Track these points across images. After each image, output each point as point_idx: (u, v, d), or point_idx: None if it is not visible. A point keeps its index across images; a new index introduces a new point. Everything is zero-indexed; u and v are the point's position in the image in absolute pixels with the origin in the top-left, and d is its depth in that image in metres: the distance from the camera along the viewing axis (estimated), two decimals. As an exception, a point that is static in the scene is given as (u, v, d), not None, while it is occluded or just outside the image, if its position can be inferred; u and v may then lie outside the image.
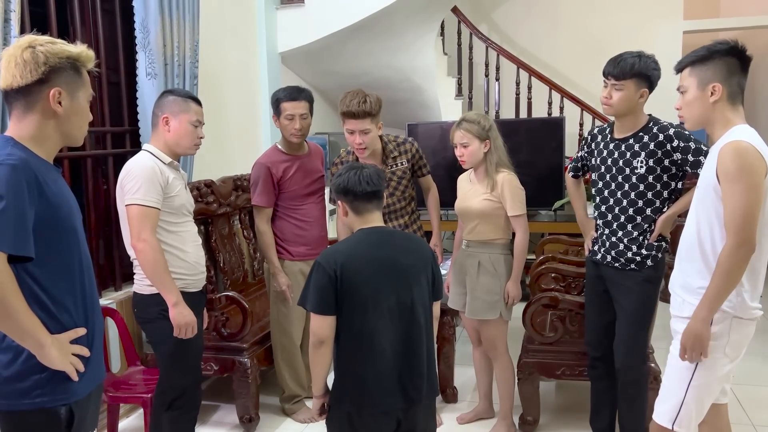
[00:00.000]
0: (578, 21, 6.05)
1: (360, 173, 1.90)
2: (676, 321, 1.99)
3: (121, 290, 3.25)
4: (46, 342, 1.43)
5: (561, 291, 3.11)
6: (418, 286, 1.91)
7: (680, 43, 5.82)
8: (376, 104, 2.77)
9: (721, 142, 1.83)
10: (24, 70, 1.43)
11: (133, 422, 3.08)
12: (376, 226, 1.94)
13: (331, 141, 4.91)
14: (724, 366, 1.92)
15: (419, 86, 5.21)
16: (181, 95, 2.39)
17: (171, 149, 2.37)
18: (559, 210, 4.89)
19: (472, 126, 2.66)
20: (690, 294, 1.92)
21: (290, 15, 4.62)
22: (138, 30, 3.14)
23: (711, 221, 1.86)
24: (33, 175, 1.41)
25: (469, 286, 2.77)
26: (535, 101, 5.38)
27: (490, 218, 2.71)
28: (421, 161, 3.06)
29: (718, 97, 1.85)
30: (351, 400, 1.86)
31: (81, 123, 1.56)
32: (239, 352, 2.94)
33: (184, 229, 2.40)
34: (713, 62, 1.86)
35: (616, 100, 2.35)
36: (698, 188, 1.94)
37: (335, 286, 1.82)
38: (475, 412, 3.04)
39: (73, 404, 1.52)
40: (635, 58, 2.31)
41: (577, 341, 2.81)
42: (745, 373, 3.43)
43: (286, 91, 2.96)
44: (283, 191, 2.98)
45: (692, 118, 1.93)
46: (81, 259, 1.56)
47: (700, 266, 1.90)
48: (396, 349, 1.85)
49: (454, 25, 5.63)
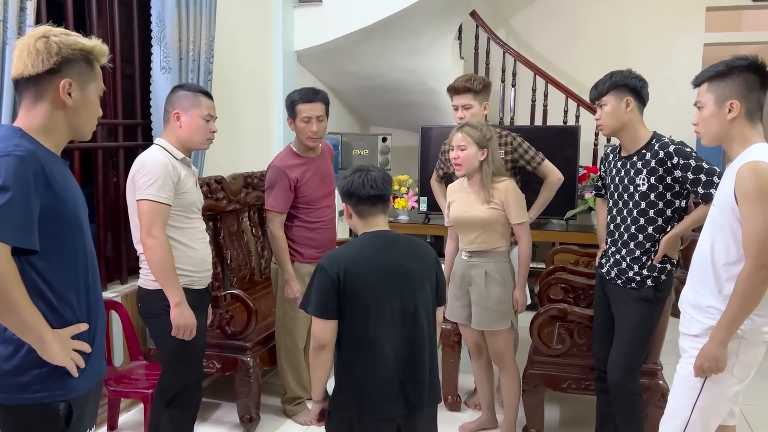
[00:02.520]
0: (598, 30, 6.00)
1: (365, 176, 1.87)
2: (684, 339, 1.96)
3: (127, 284, 3.24)
4: (47, 337, 1.42)
5: (570, 302, 3.07)
6: (422, 292, 1.88)
7: (701, 56, 5.76)
8: (480, 83, 2.92)
9: (739, 161, 1.79)
10: (36, 60, 1.43)
11: (134, 417, 3.07)
12: (381, 230, 1.91)
13: (344, 141, 4.88)
14: (731, 387, 1.88)
15: (434, 89, 5.17)
16: (191, 90, 2.37)
17: (183, 145, 2.35)
18: (571, 220, 4.83)
19: (474, 131, 2.62)
20: (699, 312, 1.89)
21: (307, 14, 4.61)
22: (154, 23, 3.13)
23: (727, 241, 1.82)
24: (40, 167, 1.40)
25: (477, 297, 2.71)
26: (551, 109, 5.33)
27: (493, 227, 2.67)
28: (527, 155, 3.01)
29: (736, 114, 1.81)
30: (351, 406, 1.83)
31: (90, 116, 1.55)
32: (242, 351, 2.92)
33: (193, 225, 2.38)
34: (732, 78, 1.82)
35: (603, 117, 2.39)
36: (714, 206, 1.90)
37: (338, 291, 1.79)
38: (477, 423, 3.00)
39: (72, 400, 1.50)
40: (608, 76, 2.39)
41: (585, 354, 2.77)
42: (755, 393, 3.37)
43: (302, 92, 2.90)
44: (299, 196, 2.92)
45: (709, 134, 1.89)
46: (86, 254, 1.55)
47: (711, 286, 1.86)
48: (398, 356, 1.83)
49: (472, 29, 5.60)
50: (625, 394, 2.45)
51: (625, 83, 2.34)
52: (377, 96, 5.47)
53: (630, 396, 2.45)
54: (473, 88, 2.91)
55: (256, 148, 4.23)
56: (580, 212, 4.78)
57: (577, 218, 4.85)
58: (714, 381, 1.85)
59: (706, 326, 1.86)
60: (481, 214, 2.65)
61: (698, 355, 1.85)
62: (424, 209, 4.98)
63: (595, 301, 2.66)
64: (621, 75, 2.37)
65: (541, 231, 4.74)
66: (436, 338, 1.96)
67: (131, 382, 2.80)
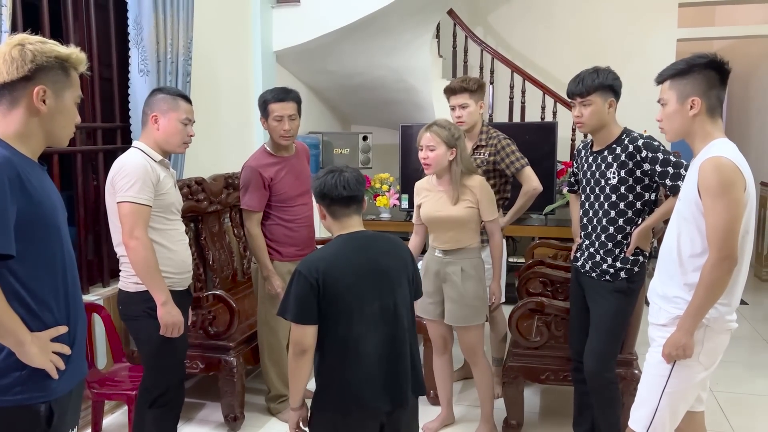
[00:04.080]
0: (573, 26, 6.08)
1: (337, 177, 1.87)
2: (652, 328, 2.03)
3: (109, 286, 3.24)
4: (25, 339, 1.43)
5: (548, 296, 3.13)
6: (401, 288, 1.91)
7: (674, 51, 5.86)
8: (474, 83, 3.06)
9: (701, 157, 1.85)
10: (11, 67, 1.45)
11: (119, 419, 3.08)
12: (356, 230, 1.92)
13: (325, 140, 4.91)
14: (698, 373, 1.94)
15: (414, 87, 5.22)
16: (170, 93, 2.38)
17: (161, 147, 2.37)
18: (549, 214, 4.91)
19: (442, 131, 2.63)
20: (666, 302, 1.96)
21: (286, 14, 4.62)
22: (131, 26, 3.13)
23: (692, 234, 1.88)
24: (15, 173, 1.41)
25: (453, 294, 2.74)
26: (529, 105, 5.40)
27: (467, 225, 2.71)
28: (507, 159, 3.08)
29: (697, 110, 1.87)
30: (335, 407, 1.84)
31: (65, 123, 1.57)
32: (225, 350, 2.94)
33: (173, 227, 2.40)
34: (692, 76, 1.88)
35: (587, 116, 2.43)
36: (679, 200, 1.96)
37: (317, 295, 1.79)
38: (440, 420, 3.03)
39: (53, 401, 1.51)
40: (594, 74, 2.41)
41: (563, 346, 2.83)
42: (726, 379, 3.47)
43: (274, 92, 2.94)
44: (274, 194, 2.96)
45: (672, 130, 1.96)
46: (64, 257, 1.55)
47: (677, 277, 1.92)
48: (381, 353, 1.85)
49: (450, 27, 5.65)
50: (602, 383, 2.51)
51: (611, 84, 2.41)
52: (358, 94, 5.50)
53: (606, 385, 2.52)
54: (469, 87, 3.04)
55: (236, 149, 4.24)
56: (558, 207, 4.86)
57: (555, 213, 4.94)
58: (681, 368, 1.92)
59: (672, 316, 1.92)
60: (456, 213, 2.67)
61: (666, 343, 1.91)
62: (405, 207, 5.03)
63: (571, 293, 2.72)
64: (606, 76, 2.40)
65: (520, 226, 4.81)
66: (415, 332, 1.99)
67: (115, 384, 2.81)
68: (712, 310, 1.86)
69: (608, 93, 2.41)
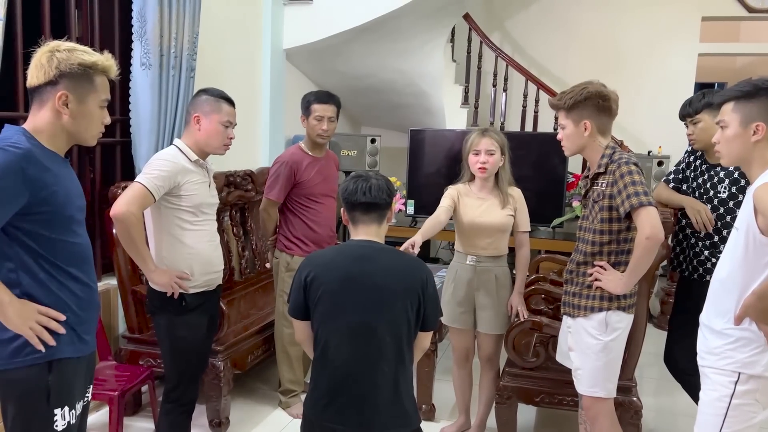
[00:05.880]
0: (593, 36, 5.96)
1: (360, 183, 1.84)
2: (701, 359, 1.91)
3: (101, 281, 3.20)
4: (3, 300, 1.54)
5: (549, 313, 3.03)
6: (391, 311, 1.79)
7: (695, 66, 5.73)
8: (568, 97, 2.44)
9: (757, 183, 1.74)
10: (40, 72, 1.61)
11: (101, 418, 3.02)
12: (365, 239, 1.86)
13: (333, 141, 4.83)
14: (756, 413, 1.82)
15: (425, 92, 5.14)
16: (214, 95, 2.41)
17: (200, 148, 2.39)
18: (558, 227, 4.79)
19: (498, 137, 2.72)
20: (713, 335, 1.86)
21: (297, 12, 4.57)
22: (135, 18, 3.09)
23: (749, 264, 1.76)
24: (33, 163, 1.55)
25: (488, 302, 2.76)
26: (542, 115, 5.29)
27: (506, 233, 2.76)
28: (624, 192, 2.18)
29: (760, 136, 1.76)
30: (310, 407, 1.85)
31: (88, 126, 1.69)
32: (213, 354, 2.87)
33: (201, 228, 2.40)
34: (759, 99, 1.77)
35: (698, 132, 2.68)
36: (734, 230, 1.85)
37: (304, 292, 1.83)
38: (457, 426, 3.02)
39: (57, 362, 1.63)
40: (700, 94, 2.67)
41: (560, 368, 2.72)
42: None
43: (318, 94, 3.14)
44: (301, 188, 3.06)
45: (731, 155, 1.85)
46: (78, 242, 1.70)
47: (726, 309, 1.82)
48: (350, 371, 1.78)
49: (466, 31, 5.55)
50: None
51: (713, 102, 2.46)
52: (367, 96, 5.42)
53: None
54: (559, 104, 2.57)
55: (241, 147, 4.17)
56: (567, 220, 4.74)
57: (564, 226, 4.82)
58: (738, 408, 1.80)
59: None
60: (500, 220, 2.71)
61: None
62: (412, 212, 4.95)
63: None
64: (715, 94, 2.50)
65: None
66: (408, 362, 1.86)
67: (98, 383, 2.75)
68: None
69: (715, 110, 2.36)
